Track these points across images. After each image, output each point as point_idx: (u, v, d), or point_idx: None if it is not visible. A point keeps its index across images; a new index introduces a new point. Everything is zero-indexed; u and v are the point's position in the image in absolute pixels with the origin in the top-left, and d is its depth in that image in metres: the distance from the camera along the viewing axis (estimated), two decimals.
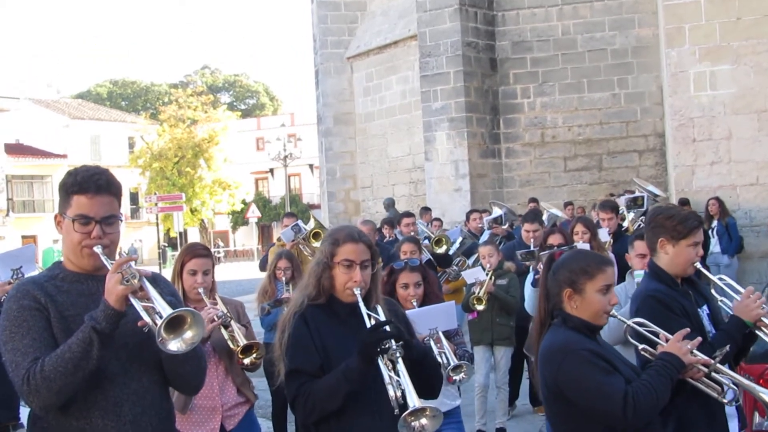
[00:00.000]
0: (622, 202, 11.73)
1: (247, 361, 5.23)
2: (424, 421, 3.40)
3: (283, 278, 7.81)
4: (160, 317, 3.04)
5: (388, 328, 3.54)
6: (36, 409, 3.11)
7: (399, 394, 3.43)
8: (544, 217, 12.80)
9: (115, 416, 3.19)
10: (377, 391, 3.55)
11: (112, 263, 3.21)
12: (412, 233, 10.94)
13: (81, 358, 3.02)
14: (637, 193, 12.42)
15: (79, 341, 3.03)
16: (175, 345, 3.05)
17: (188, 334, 3.08)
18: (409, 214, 12.64)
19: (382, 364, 3.48)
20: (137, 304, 3.10)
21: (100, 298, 3.20)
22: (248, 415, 5.37)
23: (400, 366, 3.47)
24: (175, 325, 3.04)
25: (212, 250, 56.27)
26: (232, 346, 5.16)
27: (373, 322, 3.60)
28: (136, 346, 3.24)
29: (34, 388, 3.00)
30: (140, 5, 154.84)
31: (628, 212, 10.73)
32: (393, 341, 3.49)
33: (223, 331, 5.16)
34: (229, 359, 5.22)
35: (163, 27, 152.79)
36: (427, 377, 3.68)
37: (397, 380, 3.45)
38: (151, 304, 3.10)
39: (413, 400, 3.39)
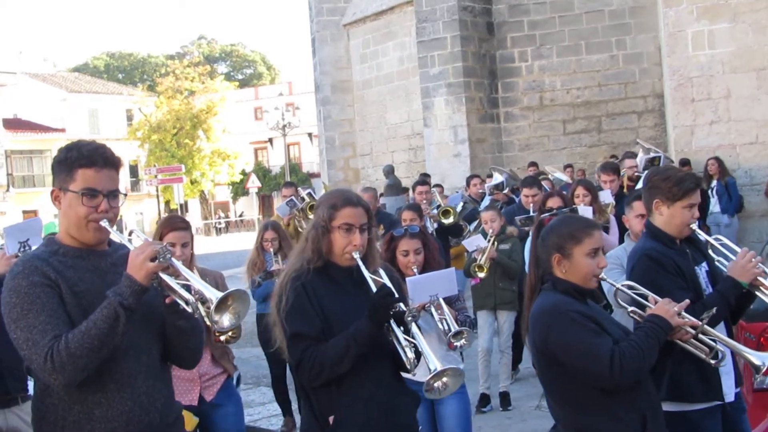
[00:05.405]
0: (641, 161, 11.70)
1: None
2: (445, 379, 3.50)
3: (271, 249, 7.78)
4: (190, 293, 3.11)
5: (395, 292, 3.57)
6: (58, 387, 3.10)
7: (412, 356, 3.49)
8: (550, 178, 12.79)
9: (130, 388, 3.23)
10: (377, 355, 3.60)
11: (121, 236, 3.28)
12: (424, 201, 10.80)
13: (107, 334, 3.03)
14: (653, 154, 12.38)
15: (104, 317, 3.04)
16: (228, 320, 3.13)
17: (234, 308, 3.14)
18: (423, 182, 12.34)
19: (396, 327, 3.52)
20: (171, 281, 3.13)
21: (105, 274, 3.23)
22: (226, 384, 5.46)
23: (415, 329, 3.53)
24: (220, 303, 3.09)
25: (213, 220, 56.35)
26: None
27: (375, 285, 3.63)
28: (143, 319, 3.26)
29: (59, 366, 2.99)
30: None
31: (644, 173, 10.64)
32: (402, 305, 3.53)
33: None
34: (207, 331, 5.27)
35: None
36: None
37: (413, 343, 3.51)
38: (185, 282, 3.14)
39: (434, 363, 3.47)
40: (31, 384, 5.08)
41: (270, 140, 59.67)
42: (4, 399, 5.04)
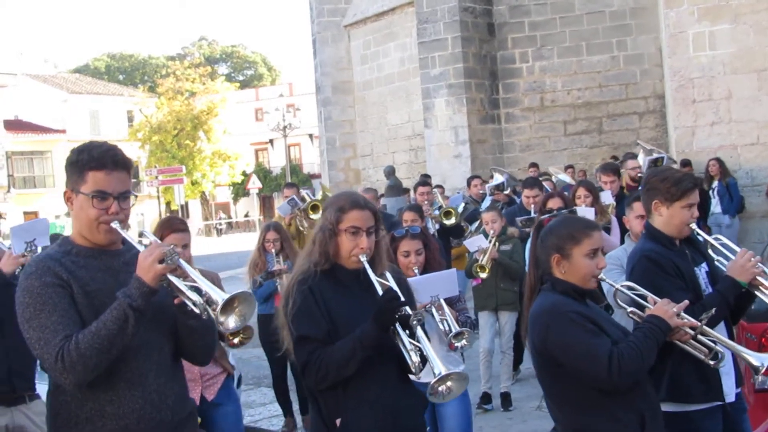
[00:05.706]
0: (644, 162, 11.70)
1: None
2: (450, 383, 3.52)
3: (273, 250, 7.83)
4: (199, 294, 3.13)
5: (401, 295, 3.58)
6: (69, 386, 3.14)
7: (417, 360, 3.51)
8: (553, 180, 12.78)
9: (141, 387, 3.26)
10: (383, 358, 3.61)
11: (131, 238, 3.31)
12: (426, 202, 10.76)
13: (116, 335, 3.07)
14: (656, 155, 12.39)
15: (114, 318, 3.08)
16: (233, 322, 3.15)
17: (240, 310, 3.15)
18: (424, 183, 12.30)
19: (401, 331, 3.54)
20: (179, 283, 3.16)
21: (118, 273, 3.27)
22: (226, 384, 5.52)
23: (420, 333, 3.55)
24: (225, 305, 3.11)
25: (214, 221, 56.24)
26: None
27: (381, 289, 3.64)
28: (154, 318, 3.29)
29: (69, 366, 3.04)
30: None
31: None
32: (408, 308, 3.55)
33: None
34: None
35: None
36: None
37: (418, 347, 3.52)
38: (192, 283, 3.17)
39: (439, 367, 3.48)
40: (37, 384, 5.13)
41: (271, 141, 59.66)
42: (11, 397, 5.08)
